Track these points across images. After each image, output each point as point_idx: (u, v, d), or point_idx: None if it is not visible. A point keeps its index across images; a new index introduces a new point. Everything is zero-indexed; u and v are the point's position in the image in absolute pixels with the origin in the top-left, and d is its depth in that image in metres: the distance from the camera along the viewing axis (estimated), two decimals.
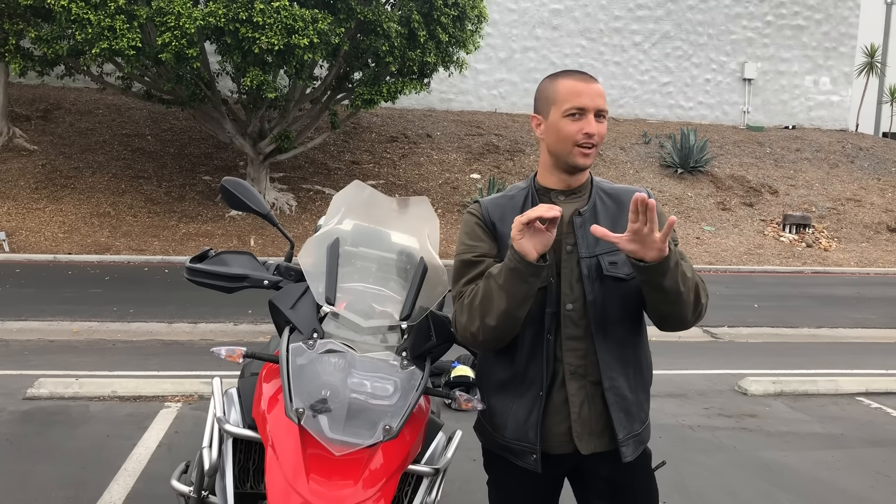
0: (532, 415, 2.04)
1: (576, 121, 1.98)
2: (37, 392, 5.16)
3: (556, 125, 2.01)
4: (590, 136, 1.98)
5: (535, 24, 19.62)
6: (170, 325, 7.65)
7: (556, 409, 2.04)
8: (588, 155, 2.01)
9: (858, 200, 17.07)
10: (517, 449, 2.08)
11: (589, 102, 1.98)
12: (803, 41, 20.92)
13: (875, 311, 9.93)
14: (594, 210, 2.07)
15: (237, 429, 2.20)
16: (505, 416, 2.09)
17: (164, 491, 3.51)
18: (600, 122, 2.00)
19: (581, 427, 2.04)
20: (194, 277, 2.52)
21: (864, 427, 5.28)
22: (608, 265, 2.02)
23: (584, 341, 2.03)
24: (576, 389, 2.03)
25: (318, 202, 14.00)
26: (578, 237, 2.03)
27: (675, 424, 5.05)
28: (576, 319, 2.03)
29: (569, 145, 2.00)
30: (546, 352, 2.02)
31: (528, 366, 2.05)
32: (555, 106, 2.01)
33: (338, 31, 11.31)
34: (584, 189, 2.10)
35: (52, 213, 12.55)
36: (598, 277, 2.02)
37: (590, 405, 2.04)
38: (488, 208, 2.11)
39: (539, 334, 2.03)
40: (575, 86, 1.99)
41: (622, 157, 17.50)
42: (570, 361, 2.03)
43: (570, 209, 2.06)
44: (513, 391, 2.07)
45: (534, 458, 2.05)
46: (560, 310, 2.02)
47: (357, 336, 2.27)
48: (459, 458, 2.75)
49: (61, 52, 11.28)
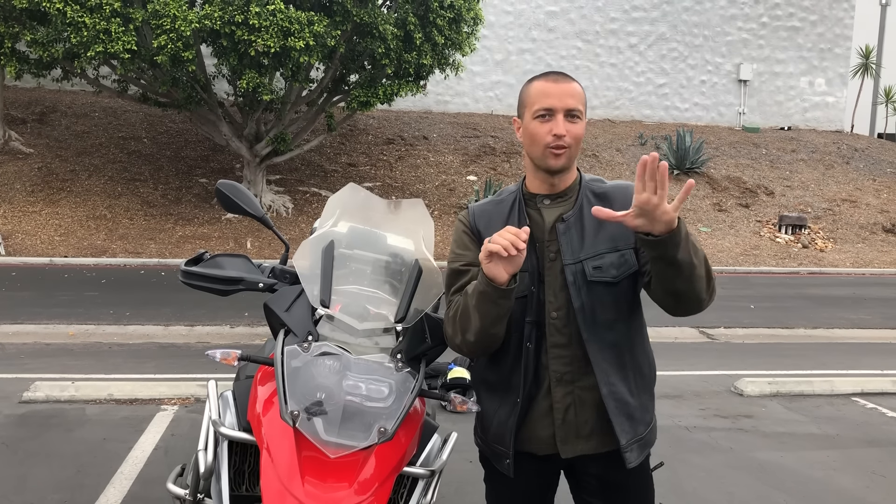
0: (510, 420, 2.06)
1: (545, 122, 1.94)
2: (33, 395, 5.16)
3: (528, 128, 1.99)
4: (559, 137, 1.93)
5: (531, 26, 19.65)
6: (166, 328, 7.64)
7: (541, 415, 2.05)
8: (559, 156, 1.96)
9: (854, 201, 17.12)
10: (494, 451, 2.13)
11: (557, 103, 1.93)
12: (798, 42, 20.97)
13: (871, 312, 9.95)
14: (579, 214, 2.02)
15: (232, 431, 2.20)
16: (490, 418, 2.13)
17: (160, 494, 3.51)
18: (572, 122, 1.95)
19: (565, 432, 2.03)
20: (189, 280, 2.52)
21: (860, 427, 5.29)
22: (592, 270, 1.98)
23: (570, 348, 2.01)
24: (561, 396, 2.03)
25: (315, 204, 14.00)
26: (562, 244, 2.00)
27: (671, 425, 5.05)
28: (560, 327, 2.01)
29: (540, 147, 1.96)
30: (525, 360, 2.01)
31: (512, 372, 2.06)
32: (527, 109, 1.99)
33: (334, 34, 11.31)
34: (570, 192, 2.06)
35: (48, 216, 12.54)
36: (584, 284, 1.99)
37: (576, 410, 2.03)
38: (475, 215, 2.11)
39: (520, 342, 2.02)
40: (544, 87, 1.96)
41: (618, 159, 17.53)
42: (555, 369, 2.02)
43: (554, 214, 2.03)
44: (498, 395, 2.10)
45: (507, 462, 2.08)
46: (544, 318, 2.01)
47: (352, 338, 2.27)
48: (455, 459, 2.75)
49: (57, 56, 11.29)
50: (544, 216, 2.04)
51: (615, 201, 2.01)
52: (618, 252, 2.00)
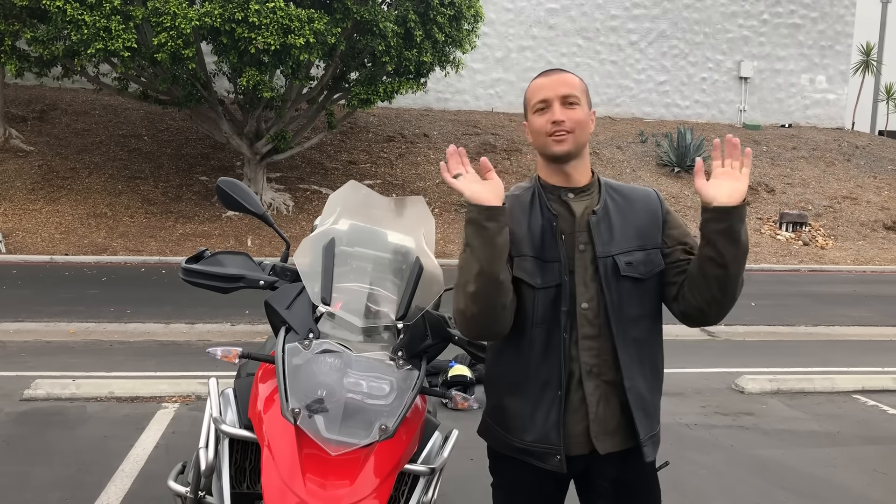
0: (551, 415, 2.01)
1: (543, 113, 2.00)
2: (34, 393, 5.16)
3: (531, 125, 2.04)
4: (557, 124, 1.97)
5: (532, 24, 19.63)
6: (167, 326, 7.64)
7: (573, 408, 2.02)
8: (562, 141, 1.99)
9: (854, 198, 17.11)
10: (538, 451, 2.03)
11: (550, 93, 1.99)
12: (799, 39, 20.95)
13: (871, 309, 9.95)
14: (606, 207, 2.06)
15: (233, 429, 2.20)
16: (522, 418, 2.05)
17: (161, 492, 3.51)
18: (570, 108, 1.99)
19: (598, 427, 2.01)
20: (190, 278, 2.51)
21: (861, 425, 5.29)
22: (625, 265, 2.01)
23: (599, 340, 2.01)
24: (592, 389, 2.01)
25: (315, 202, 14.00)
26: (595, 236, 2.02)
27: (672, 423, 5.05)
28: (591, 318, 2.01)
29: (543, 138, 2.01)
30: (562, 350, 1.99)
31: (541, 366, 2.01)
32: (528, 107, 2.05)
33: (334, 31, 11.30)
34: (592, 187, 2.09)
35: (48, 213, 12.54)
36: (615, 277, 2.01)
37: (605, 405, 2.02)
38: None
39: (552, 333, 2.00)
40: (538, 82, 2.03)
41: (619, 156, 17.51)
42: (585, 360, 2.01)
43: (582, 206, 2.05)
44: (528, 393, 2.04)
45: (557, 458, 2.01)
46: (575, 308, 2.00)
47: (353, 336, 2.27)
48: (456, 457, 2.75)
49: (57, 53, 11.28)
50: (573, 208, 2.05)
51: (636, 201, 2.09)
52: (644, 251, 2.05)
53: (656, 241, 2.07)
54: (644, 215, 2.09)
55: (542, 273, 1.99)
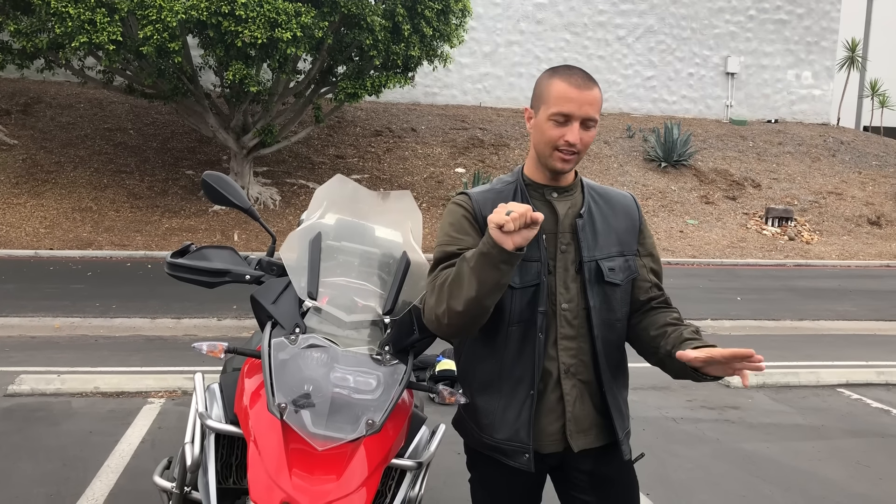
0: (523, 414, 2.02)
1: (559, 126, 1.93)
2: (18, 388, 5.13)
3: (541, 125, 1.97)
4: (571, 145, 1.93)
5: (520, 18, 19.62)
6: (153, 321, 7.60)
7: (550, 407, 2.03)
8: (568, 161, 1.96)
9: (840, 194, 17.22)
10: (508, 449, 2.04)
11: (576, 110, 1.91)
12: (785, 35, 21.05)
13: (856, 304, 10.03)
14: (590, 211, 2.07)
15: (219, 424, 2.19)
16: (493, 415, 2.05)
17: (146, 487, 3.49)
18: (586, 130, 1.95)
19: (574, 425, 2.04)
20: (175, 272, 2.50)
21: (845, 418, 5.34)
22: (608, 271, 2.04)
23: (577, 341, 2.03)
24: (570, 388, 2.03)
25: (302, 196, 13.95)
26: (581, 240, 2.02)
27: (658, 417, 5.07)
28: (570, 319, 2.02)
29: (549, 148, 1.96)
30: (537, 350, 2.00)
31: (515, 365, 2.02)
32: (544, 106, 1.96)
33: (321, 25, 11.25)
34: (574, 188, 2.09)
35: (32, 208, 12.44)
36: (598, 281, 2.03)
37: (581, 404, 2.05)
38: (478, 202, 2.05)
39: (528, 332, 2.00)
40: (567, 91, 1.92)
41: (606, 151, 17.55)
42: (564, 360, 2.02)
43: (565, 207, 2.05)
44: (500, 390, 2.04)
45: (526, 457, 2.02)
46: (555, 309, 2.01)
47: (339, 331, 2.26)
48: (443, 451, 2.75)
49: (41, 46, 11.17)
50: (557, 208, 2.04)
51: (617, 206, 2.12)
52: (623, 257, 2.09)
53: (633, 248, 2.12)
54: (624, 221, 2.12)
55: (521, 273, 1.98)
